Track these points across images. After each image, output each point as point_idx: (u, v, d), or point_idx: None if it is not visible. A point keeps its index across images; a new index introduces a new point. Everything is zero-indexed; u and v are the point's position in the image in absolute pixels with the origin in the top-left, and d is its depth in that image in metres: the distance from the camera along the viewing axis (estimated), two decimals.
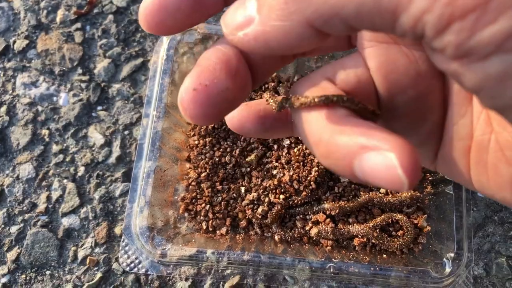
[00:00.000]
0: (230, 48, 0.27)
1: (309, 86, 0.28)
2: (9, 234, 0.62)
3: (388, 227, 0.55)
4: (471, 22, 0.19)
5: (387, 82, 0.28)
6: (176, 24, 0.27)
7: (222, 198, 0.56)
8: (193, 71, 0.25)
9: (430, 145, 0.30)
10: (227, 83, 0.25)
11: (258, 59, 0.28)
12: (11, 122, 0.68)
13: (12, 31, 0.72)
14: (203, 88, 0.24)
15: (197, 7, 0.27)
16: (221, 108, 0.26)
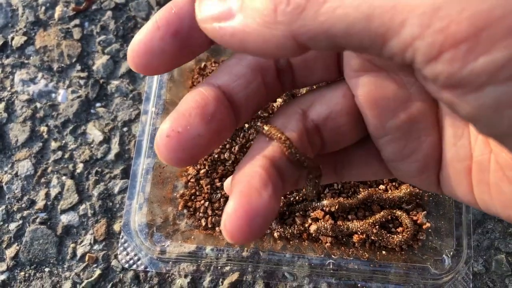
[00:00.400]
0: (211, 91, 0.27)
1: (281, 116, 0.30)
2: (8, 231, 0.62)
3: (388, 224, 0.55)
4: (463, 52, 0.18)
5: (377, 108, 0.29)
6: (162, 65, 0.27)
7: (221, 195, 0.56)
8: (170, 116, 0.26)
9: (431, 170, 0.30)
10: (199, 130, 0.26)
11: (242, 99, 0.29)
12: (10, 119, 0.67)
13: (10, 27, 0.72)
14: (175, 135, 0.25)
15: (182, 49, 0.27)
16: (193, 154, 0.26)
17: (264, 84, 0.30)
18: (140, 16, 0.73)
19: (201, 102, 0.27)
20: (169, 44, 0.26)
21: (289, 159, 0.28)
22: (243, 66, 0.29)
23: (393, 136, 0.29)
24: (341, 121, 0.30)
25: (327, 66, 0.31)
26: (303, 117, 0.30)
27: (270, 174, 0.26)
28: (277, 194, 0.26)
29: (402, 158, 0.29)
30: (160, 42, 0.26)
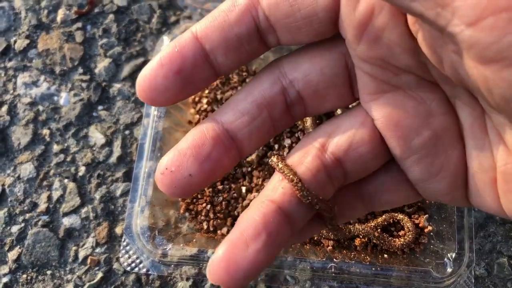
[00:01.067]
0: (212, 130, 0.29)
1: (298, 152, 0.31)
2: (10, 233, 0.62)
3: (389, 227, 0.55)
4: (505, 20, 0.17)
5: (399, 128, 0.29)
6: (167, 100, 0.29)
7: (223, 198, 0.56)
8: (169, 152, 0.29)
9: (460, 185, 0.29)
10: (191, 170, 0.28)
11: (245, 135, 0.30)
12: (12, 122, 0.68)
13: (13, 30, 0.73)
14: (168, 173, 0.28)
15: (186, 86, 0.29)
16: (185, 191, 0.29)
17: (270, 119, 0.31)
18: (142, 20, 0.73)
19: (198, 141, 0.29)
20: (172, 82, 0.28)
21: (300, 201, 0.28)
22: (249, 102, 0.30)
23: (419, 155, 0.29)
24: (363, 150, 0.30)
25: (340, 93, 0.31)
26: (321, 152, 0.30)
27: (267, 223, 0.27)
28: (272, 244, 0.26)
29: (430, 176, 0.29)
30: (164, 80, 0.28)
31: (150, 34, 0.72)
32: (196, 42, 0.29)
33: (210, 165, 0.29)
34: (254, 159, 0.57)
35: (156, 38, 0.72)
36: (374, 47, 0.27)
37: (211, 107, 0.59)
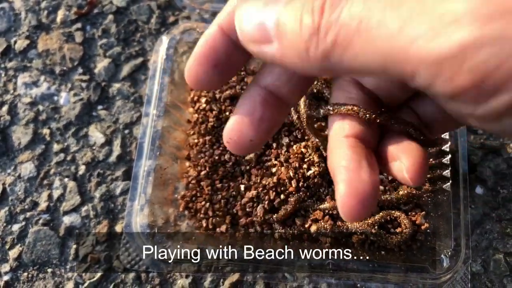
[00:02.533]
0: (258, 95, 0.33)
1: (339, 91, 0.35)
2: (11, 232, 0.63)
3: (387, 224, 0.55)
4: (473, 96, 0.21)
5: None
6: (215, 85, 0.34)
7: (221, 196, 0.57)
8: (228, 124, 0.33)
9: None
10: (250, 136, 0.33)
11: (287, 92, 0.33)
12: (13, 121, 0.68)
13: (13, 31, 0.73)
14: (233, 142, 0.33)
15: (226, 72, 0.33)
16: (252, 151, 0.37)
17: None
18: (141, 20, 0.73)
19: (250, 109, 0.32)
20: (213, 74, 0.32)
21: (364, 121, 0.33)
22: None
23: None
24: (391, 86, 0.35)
25: None
26: (360, 86, 0.35)
27: (359, 152, 0.31)
28: (372, 165, 0.31)
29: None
30: (205, 75, 0.32)
31: (149, 34, 0.73)
32: (223, 34, 0.31)
33: (265, 126, 0.32)
34: (252, 158, 0.58)
35: (155, 38, 0.72)
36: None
37: (209, 106, 0.60)
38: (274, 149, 0.58)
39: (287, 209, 0.54)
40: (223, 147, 0.59)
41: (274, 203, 0.55)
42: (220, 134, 0.59)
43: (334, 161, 0.32)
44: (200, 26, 0.61)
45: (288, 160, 0.57)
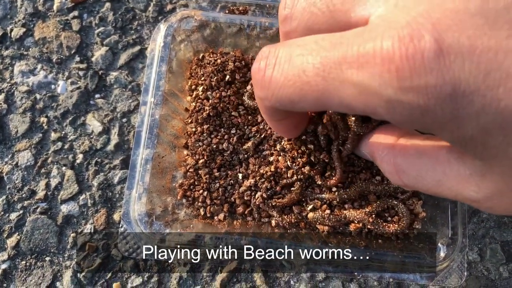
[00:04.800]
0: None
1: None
2: (8, 220, 0.63)
3: (384, 213, 0.55)
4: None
5: None
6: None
7: (219, 184, 0.57)
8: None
9: None
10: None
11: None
12: (10, 110, 0.68)
13: (9, 19, 0.72)
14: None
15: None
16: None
17: None
18: (139, 8, 0.73)
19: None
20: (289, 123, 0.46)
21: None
22: None
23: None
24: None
25: None
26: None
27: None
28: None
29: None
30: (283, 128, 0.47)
31: (147, 22, 0.72)
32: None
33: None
34: (250, 147, 0.58)
35: (152, 26, 0.72)
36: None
37: (205, 94, 0.59)
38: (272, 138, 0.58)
39: (292, 196, 0.54)
40: (221, 135, 0.59)
41: (271, 192, 0.55)
42: (217, 123, 0.59)
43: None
44: (197, 14, 0.60)
45: (284, 150, 0.57)
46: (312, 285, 0.60)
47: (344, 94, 0.29)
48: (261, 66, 0.34)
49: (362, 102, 0.28)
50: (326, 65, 0.29)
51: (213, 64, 0.60)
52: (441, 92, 0.25)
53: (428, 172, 0.36)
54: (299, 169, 0.55)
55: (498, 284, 0.60)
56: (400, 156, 0.39)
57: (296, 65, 0.31)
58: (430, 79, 0.25)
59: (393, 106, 0.27)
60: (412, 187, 0.39)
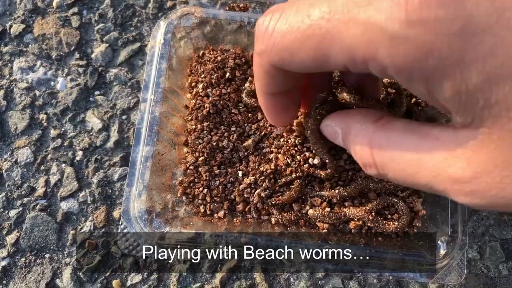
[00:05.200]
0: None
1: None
2: (8, 218, 0.63)
3: (384, 211, 0.55)
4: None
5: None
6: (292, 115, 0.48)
7: (219, 182, 0.57)
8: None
9: None
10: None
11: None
12: (9, 106, 0.68)
13: (9, 15, 0.72)
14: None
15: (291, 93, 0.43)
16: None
17: None
18: (139, 5, 0.73)
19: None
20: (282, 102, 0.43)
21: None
22: None
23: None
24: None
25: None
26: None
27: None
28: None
29: None
30: (275, 109, 0.45)
31: (147, 19, 0.72)
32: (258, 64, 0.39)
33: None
34: (250, 144, 0.57)
35: (152, 23, 0.72)
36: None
37: (205, 92, 0.59)
38: (272, 136, 0.58)
39: (291, 194, 0.54)
40: (221, 133, 0.58)
41: (270, 191, 0.55)
42: (217, 120, 0.59)
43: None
44: (198, 11, 0.60)
45: (282, 147, 0.57)
46: (312, 283, 0.60)
47: (347, 36, 0.28)
48: (265, 19, 0.33)
49: (364, 41, 0.27)
50: (332, 8, 0.28)
51: (213, 61, 0.60)
52: (451, 27, 0.24)
53: (409, 150, 0.33)
54: (298, 167, 0.55)
55: (498, 282, 0.60)
56: (380, 131, 0.36)
57: (301, 13, 0.30)
58: (440, 13, 0.24)
59: (396, 43, 0.26)
60: (382, 167, 0.35)
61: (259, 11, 0.61)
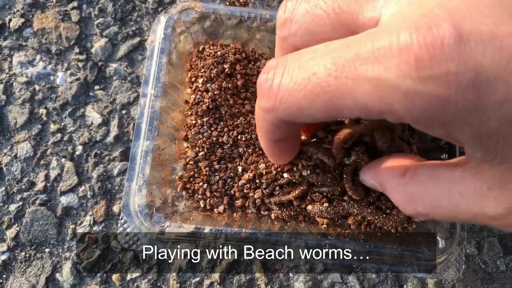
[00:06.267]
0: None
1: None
2: (8, 212, 0.63)
3: (381, 205, 0.55)
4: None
5: None
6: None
7: (219, 177, 0.57)
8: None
9: None
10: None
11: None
12: (8, 101, 0.68)
13: (8, 9, 0.72)
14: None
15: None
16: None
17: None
18: None
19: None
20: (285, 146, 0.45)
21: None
22: None
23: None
24: None
25: None
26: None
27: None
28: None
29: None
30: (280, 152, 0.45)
31: (147, 14, 0.72)
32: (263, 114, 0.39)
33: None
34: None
35: (152, 18, 0.71)
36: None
37: (205, 87, 0.59)
38: None
39: (289, 197, 0.54)
40: (221, 128, 0.59)
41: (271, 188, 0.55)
42: (217, 115, 0.59)
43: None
44: (198, 6, 0.60)
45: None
46: (311, 277, 0.61)
47: (359, 92, 0.27)
48: (268, 76, 0.33)
49: (378, 98, 0.27)
50: (339, 64, 0.28)
51: (213, 56, 0.60)
52: (463, 80, 0.24)
53: (444, 197, 0.34)
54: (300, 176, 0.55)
55: (496, 277, 0.61)
56: (412, 184, 0.37)
57: (306, 69, 0.30)
58: (451, 67, 0.24)
59: (411, 99, 0.26)
60: (427, 215, 0.37)
61: (259, 6, 0.61)
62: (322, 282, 0.61)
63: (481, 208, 0.31)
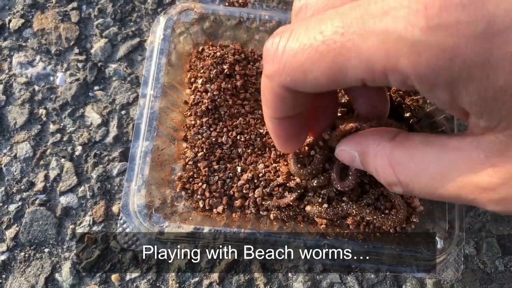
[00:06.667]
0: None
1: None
2: (7, 212, 0.63)
3: (380, 205, 0.56)
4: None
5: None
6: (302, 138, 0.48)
7: (218, 177, 0.57)
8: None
9: None
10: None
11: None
12: (8, 101, 0.68)
13: (8, 10, 0.72)
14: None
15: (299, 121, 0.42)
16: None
17: None
18: (138, 0, 0.73)
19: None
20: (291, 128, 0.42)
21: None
22: None
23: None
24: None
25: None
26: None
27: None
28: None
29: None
30: (285, 134, 0.43)
31: (146, 15, 0.72)
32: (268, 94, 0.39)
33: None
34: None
35: (152, 19, 0.72)
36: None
37: (204, 87, 0.59)
38: None
39: (286, 201, 0.54)
40: (220, 129, 0.59)
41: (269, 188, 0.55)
42: (216, 116, 0.59)
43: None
44: (197, 6, 0.60)
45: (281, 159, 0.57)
46: (310, 278, 0.61)
47: (364, 47, 0.27)
48: (274, 40, 0.32)
49: (383, 52, 0.26)
50: (346, 21, 0.27)
51: (213, 57, 0.60)
52: (474, 30, 0.23)
53: (431, 164, 0.32)
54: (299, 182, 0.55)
55: (494, 277, 0.61)
56: (399, 148, 0.35)
57: (313, 30, 0.29)
58: (462, 16, 0.23)
59: (418, 51, 0.25)
60: (406, 186, 0.35)
61: (258, 7, 0.62)
62: (321, 282, 0.61)
63: (473, 177, 0.29)
